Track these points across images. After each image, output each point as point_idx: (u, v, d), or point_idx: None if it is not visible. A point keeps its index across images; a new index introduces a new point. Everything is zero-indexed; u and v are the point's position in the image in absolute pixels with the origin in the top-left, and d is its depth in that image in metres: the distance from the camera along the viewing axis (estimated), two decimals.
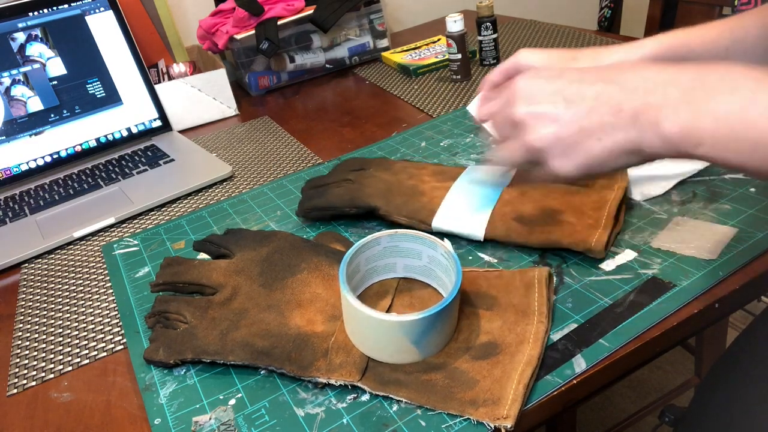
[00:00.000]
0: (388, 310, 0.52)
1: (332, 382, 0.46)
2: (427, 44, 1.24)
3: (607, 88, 0.38)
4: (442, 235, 0.61)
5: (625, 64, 0.39)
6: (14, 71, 0.93)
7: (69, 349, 0.58)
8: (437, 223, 0.61)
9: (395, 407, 0.44)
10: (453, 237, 0.61)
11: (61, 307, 0.65)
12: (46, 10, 0.95)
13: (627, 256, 0.55)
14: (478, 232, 0.59)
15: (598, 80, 0.38)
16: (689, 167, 0.64)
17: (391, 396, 0.45)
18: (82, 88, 0.98)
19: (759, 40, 0.48)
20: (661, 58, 0.49)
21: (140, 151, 0.98)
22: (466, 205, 0.62)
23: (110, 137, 1.00)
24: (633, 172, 0.64)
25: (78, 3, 0.97)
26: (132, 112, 1.02)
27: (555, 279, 0.54)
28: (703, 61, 0.43)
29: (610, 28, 1.56)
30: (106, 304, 0.64)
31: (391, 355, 0.46)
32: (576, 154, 0.39)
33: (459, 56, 1.02)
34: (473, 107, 0.86)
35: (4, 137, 0.93)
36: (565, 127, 0.39)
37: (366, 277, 0.54)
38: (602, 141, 0.38)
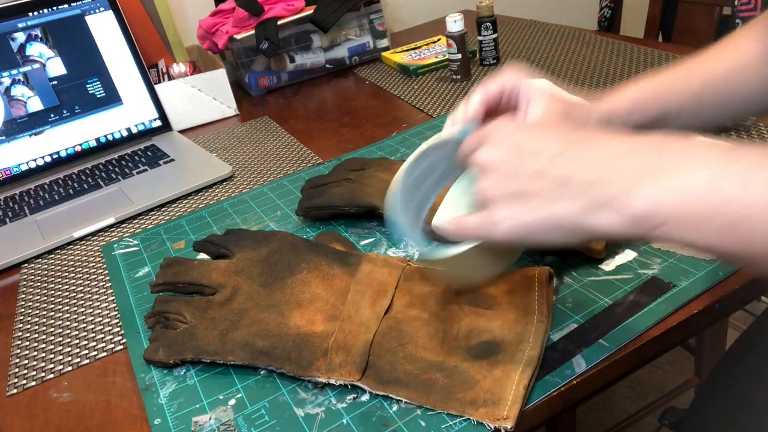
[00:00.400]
0: (387, 311, 0.52)
1: (332, 381, 0.46)
2: (427, 44, 1.24)
3: (564, 154, 0.34)
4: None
5: (594, 134, 0.35)
6: (14, 71, 0.93)
7: (69, 349, 0.58)
8: (438, 221, 0.61)
9: (395, 407, 0.44)
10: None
11: (61, 307, 0.65)
12: (46, 10, 0.95)
13: (627, 256, 0.55)
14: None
15: (561, 144, 0.35)
16: None
17: (391, 396, 0.45)
18: (82, 88, 0.98)
19: (733, 76, 0.49)
20: (638, 107, 0.48)
21: (140, 151, 0.98)
22: (467, 204, 0.62)
23: (110, 137, 1.00)
24: None
25: (78, 3, 0.97)
26: (132, 112, 1.02)
27: (555, 279, 0.54)
28: (668, 130, 0.39)
29: (610, 28, 1.56)
30: (106, 304, 0.64)
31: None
32: (507, 218, 0.35)
33: (459, 56, 1.02)
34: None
35: (4, 137, 0.93)
36: (505, 185, 0.36)
37: (424, 199, 0.50)
38: (537, 210, 0.34)
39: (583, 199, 0.32)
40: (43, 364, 0.57)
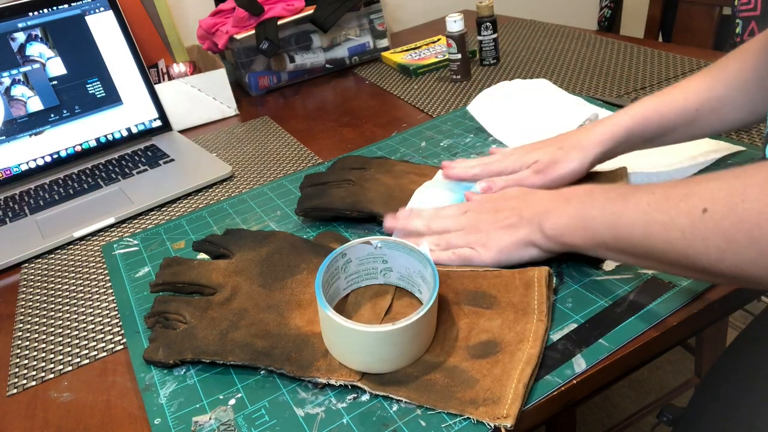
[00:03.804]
0: (387, 311, 0.52)
1: (332, 382, 0.46)
2: (427, 44, 1.24)
3: (517, 202, 0.55)
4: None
5: (534, 191, 0.56)
6: (14, 71, 0.93)
7: (69, 349, 0.58)
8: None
9: (395, 407, 0.44)
10: None
11: (61, 307, 0.65)
12: (46, 10, 0.95)
13: None
14: None
15: (514, 197, 0.56)
16: (688, 167, 0.64)
17: (391, 396, 0.45)
18: (82, 88, 0.98)
19: (725, 98, 0.56)
20: (637, 129, 0.58)
21: (140, 151, 0.98)
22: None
23: (110, 137, 1.00)
24: (633, 170, 0.64)
25: (78, 3, 0.97)
26: (132, 112, 1.02)
27: (555, 279, 0.54)
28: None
29: (610, 28, 1.56)
30: (106, 304, 0.64)
31: (360, 363, 0.46)
32: (493, 246, 0.53)
33: (459, 56, 1.02)
34: (473, 107, 0.86)
35: (4, 137, 0.93)
36: (492, 227, 0.55)
37: (347, 283, 0.54)
38: (509, 236, 0.53)
39: (529, 226, 0.52)
40: (43, 364, 0.57)
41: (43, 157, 0.95)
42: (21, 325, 0.63)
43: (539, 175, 0.60)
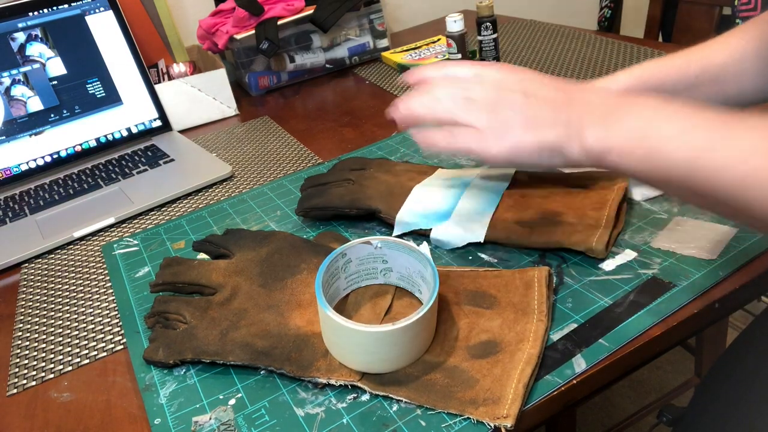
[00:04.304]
0: (387, 311, 0.52)
1: (332, 382, 0.46)
2: (427, 44, 1.24)
3: (557, 94, 0.45)
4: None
5: (581, 87, 0.46)
6: (14, 71, 0.93)
7: (69, 349, 0.58)
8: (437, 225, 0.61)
9: (395, 407, 0.44)
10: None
11: (61, 307, 0.65)
12: (46, 10, 0.95)
13: (627, 256, 0.55)
14: (479, 235, 0.59)
15: (554, 87, 0.46)
16: None
17: (391, 396, 0.45)
18: (82, 88, 0.98)
19: (725, 67, 0.55)
20: (634, 89, 0.55)
21: (140, 151, 0.98)
22: (467, 208, 0.62)
23: (110, 137, 1.00)
24: None
25: (78, 3, 0.97)
26: (132, 112, 1.02)
27: (555, 279, 0.54)
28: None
29: (610, 28, 1.56)
30: (106, 304, 0.64)
31: (359, 363, 0.46)
32: (508, 140, 0.44)
33: (459, 56, 1.02)
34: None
35: (4, 137, 0.93)
36: (515, 113, 0.44)
37: (348, 283, 0.54)
38: (534, 134, 0.43)
39: (564, 128, 0.42)
40: (43, 364, 0.57)
41: (43, 157, 0.95)
42: (21, 325, 0.63)
43: None
